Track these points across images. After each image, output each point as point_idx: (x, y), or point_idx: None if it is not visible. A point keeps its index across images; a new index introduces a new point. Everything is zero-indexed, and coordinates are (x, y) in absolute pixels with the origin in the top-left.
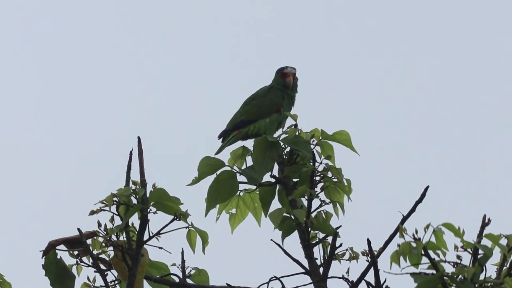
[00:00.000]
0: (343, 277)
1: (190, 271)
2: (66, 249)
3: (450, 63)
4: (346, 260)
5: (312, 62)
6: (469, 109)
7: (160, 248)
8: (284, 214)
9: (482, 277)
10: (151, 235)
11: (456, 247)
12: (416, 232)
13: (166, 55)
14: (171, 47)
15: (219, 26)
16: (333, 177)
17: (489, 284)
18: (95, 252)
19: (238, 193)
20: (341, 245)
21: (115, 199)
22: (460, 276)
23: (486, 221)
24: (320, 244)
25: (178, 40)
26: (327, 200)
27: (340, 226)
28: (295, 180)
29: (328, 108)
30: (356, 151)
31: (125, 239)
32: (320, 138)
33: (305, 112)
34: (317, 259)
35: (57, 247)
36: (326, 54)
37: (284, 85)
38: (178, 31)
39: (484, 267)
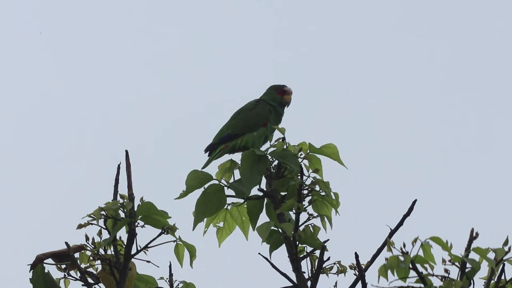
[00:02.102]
0: None
1: (178, 284)
2: (53, 262)
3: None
4: (334, 273)
5: (299, 75)
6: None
7: (148, 261)
8: (272, 228)
9: None
10: (138, 248)
11: (444, 261)
12: (404, 245)
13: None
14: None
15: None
16: (321, 191)
17: None
18: (82, 265)
19: (225, 207)
20: (329, 258)
21: (102, 212)
22: None
23: (474, 234)
24: (308, 258)
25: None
26: (315, 214)
27: (328, 239)
28: (283, 193)
29: (315, 122)
30: (344, 165)
31: (112, 252)
32: (308, 151)
33: (293, 126)
34: (304, 272)
35: (45, 261)
36: (313, 66)
37: (280, 102)
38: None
39: (472, 281)
